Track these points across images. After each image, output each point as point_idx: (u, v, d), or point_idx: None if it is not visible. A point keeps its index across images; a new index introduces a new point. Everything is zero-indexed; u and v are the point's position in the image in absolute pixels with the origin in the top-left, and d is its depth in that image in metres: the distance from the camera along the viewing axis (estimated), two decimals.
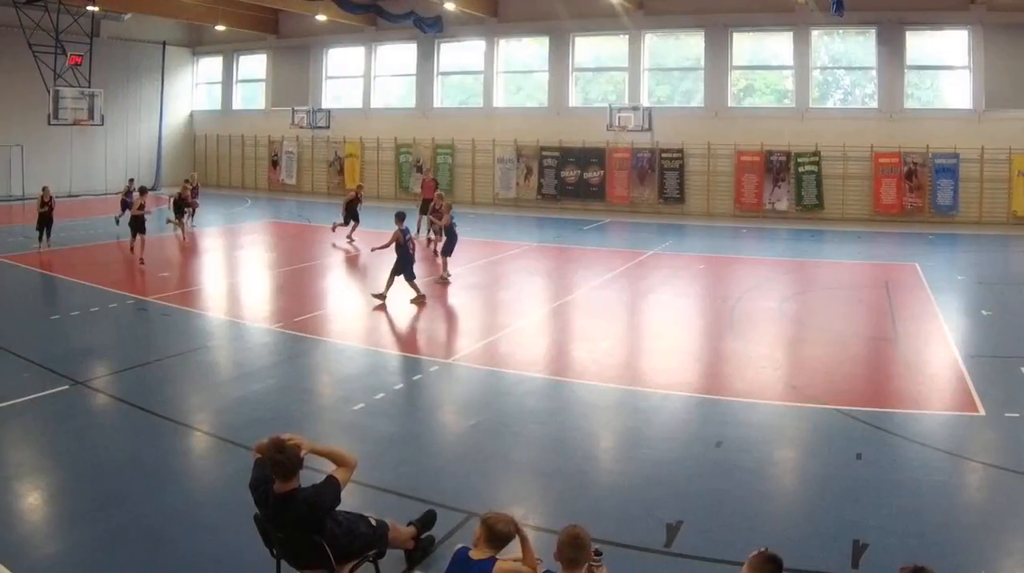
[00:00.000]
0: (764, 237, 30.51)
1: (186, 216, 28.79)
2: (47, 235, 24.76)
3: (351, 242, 26.80)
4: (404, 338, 16.16)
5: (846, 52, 36.42)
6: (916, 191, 33.38)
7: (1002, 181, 32.68)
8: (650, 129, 36.83)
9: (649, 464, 9.54)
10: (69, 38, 37.34)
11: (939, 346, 14.91)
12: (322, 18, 40.01)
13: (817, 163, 34.61)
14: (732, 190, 36.11)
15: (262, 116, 46.41)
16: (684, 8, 36.57)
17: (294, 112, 43.83)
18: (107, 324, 16.55)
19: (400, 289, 18.07)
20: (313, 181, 44.68)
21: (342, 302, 19.43)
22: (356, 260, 23.51)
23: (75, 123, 39.01)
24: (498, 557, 5.72)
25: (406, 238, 17.95)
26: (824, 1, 30.76)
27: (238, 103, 48.24)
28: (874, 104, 34.94)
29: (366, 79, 43.87)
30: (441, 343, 15.78)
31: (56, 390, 11.90)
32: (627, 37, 38.05)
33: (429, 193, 28.23)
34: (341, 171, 43.74)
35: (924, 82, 35.41)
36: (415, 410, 11.72)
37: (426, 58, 41.95)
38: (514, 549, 5.89)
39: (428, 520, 7.62)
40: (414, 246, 18.32)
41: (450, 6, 36.35)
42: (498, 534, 5.73)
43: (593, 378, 12.95)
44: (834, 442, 10.29)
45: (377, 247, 18.78)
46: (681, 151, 36.63)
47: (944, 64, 34.76)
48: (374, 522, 6.79)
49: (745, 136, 35.52)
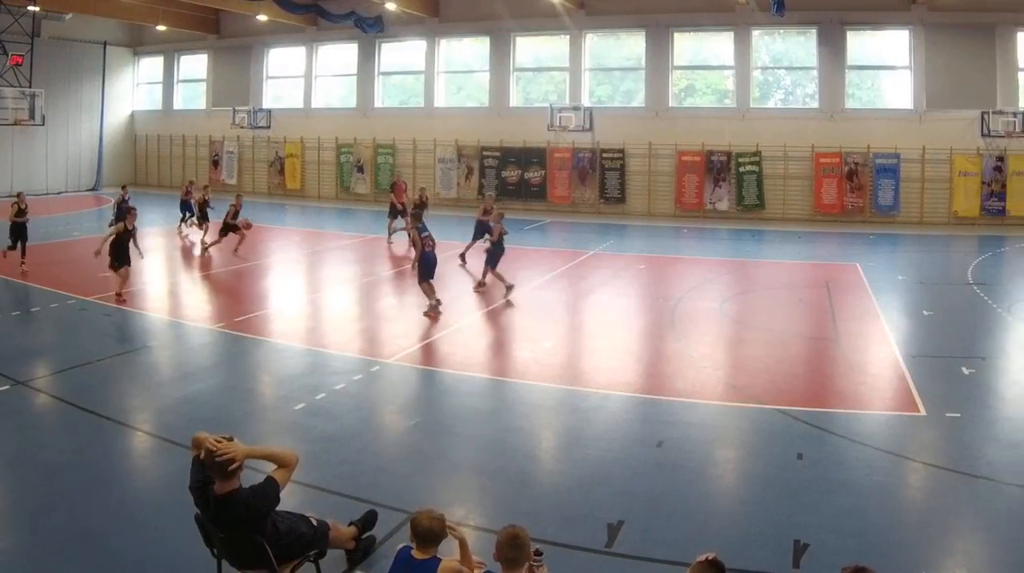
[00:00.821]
0: (705, 237, 29.11)
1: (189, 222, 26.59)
2: (22, 251, 20.06)
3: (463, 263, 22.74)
4: (345, 338, 15.17)
5: (787, 52, 34.51)
6: (857, 191, 31.65)
7: (943, 181, 31.19)
8: (591, 129, 34.91)
9: (590, 464, 9.17)
10: (10, 38, 35.99)
11: (880, 346, 14.29)
12: (263, 18, 37.84)
13: (758, 163, 32.79)
14: (673, 190, 34.17)
15: (203, 116, 43.62)
16: (625, 8, 34.74)
17: (235, 112, 41.43)
18: (48, 324, 15.84)
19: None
20: (254, 181, 42.13)
21: (283, 302, 18.40)
22: (299, 261, 21.77)
23: (15, 123, 37.31)
24: (441, 557, 5.49)
25: (422, 236, 16.42)
26: (765, 1, 29.34)
27: (179, 103, 45.31)
28: (815, 104, 33.12)
29: (307, 79, 41.31)
30: (382, 343, 14.86)
31: None
32: (568, 37, 35.98)
33: (401, 196, 26.40)
34: (282, 171, 41.32)
35: (865, 82, 33.59)
36: (356, 410, 11.05)
37: (367, 58, 39.58)
38: (455, 548, 5.69)
39: (369, 520, 7.24)
40: (432, 244, 16.62)
41: (391, 6, 34.58)
42: (423, 532, 5.43)
43: (534, 378, 12.40)
44: (775, 442, 9.89)
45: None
46: (622, 151, 34.66)
47: (885, 64, 33.08)
48: (315, 522, 6.49)
49: (686, 136, 33.65)
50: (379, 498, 7.99)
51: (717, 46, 34.82)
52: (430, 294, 16.22)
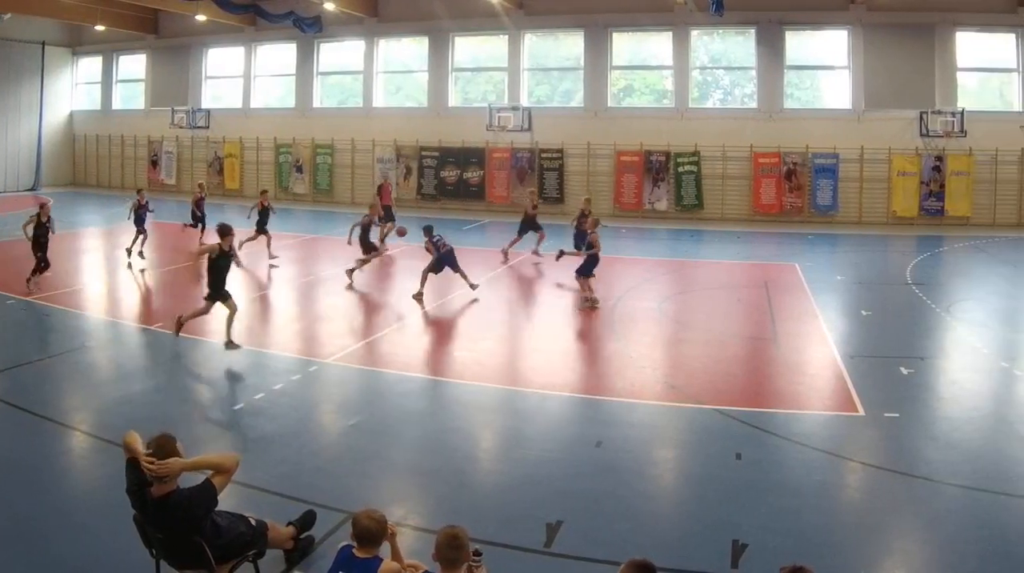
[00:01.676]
0: (644, 237, 27.40)
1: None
2: (41, 268, 17.18)
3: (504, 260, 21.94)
4: (284, 338, 14.48)
5: (725, 52, 32.35)
6: (796, 191, 29.68)
7: (881, 181, 29.36)
8: (530, 129, 32.51)
9: (529, 464, 8.81)
10: None
11: (819, 346, 13.65)
12: (202, 18, 35.07)
13: (696, 163, 30.65)
14: (611, 190, 31.89)
15: (142, 116, 40.59)
16: (564, 8, 32.49)
17: (174, 112, 38.60)
18: None
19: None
20: (193, 181, 38.69)
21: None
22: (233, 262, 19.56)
23: None
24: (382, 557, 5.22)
25: (435, 242, 16.86)
26: (703, 1, 27.33)
27: (118, 103, 42.15)
28: (753, 104, 31.08)
29: (246, 79, 38.51)
30: (321, 343, 14.10)
31: None
32: (506, 37, 33.62)
33: (387, 199, 24.39)
34: (221, 171, 38.50)
35: (804, 82, 31.60)
36: (295, 410, 10.52)
37: (306, 58, 36.95)
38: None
39: (307, 520, 6.88)
40: (445, 247, 16.92)
41: (330, 6, 32.04)
42: (363, 532, 5.11)
43: (473, 378, 11.85)
44: (714, 442, 9.50)
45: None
46: (561, 151, 32.36)
47: (824, 64, 31.09)
48: (253, 522, 6.16)
49: (624, 136, 31.46)
50: (317, 498, 7.63)
51: (656, 46, 32.70)
52: (423, 283, 16.50)
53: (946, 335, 14.78)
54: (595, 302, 16.22)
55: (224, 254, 13.08)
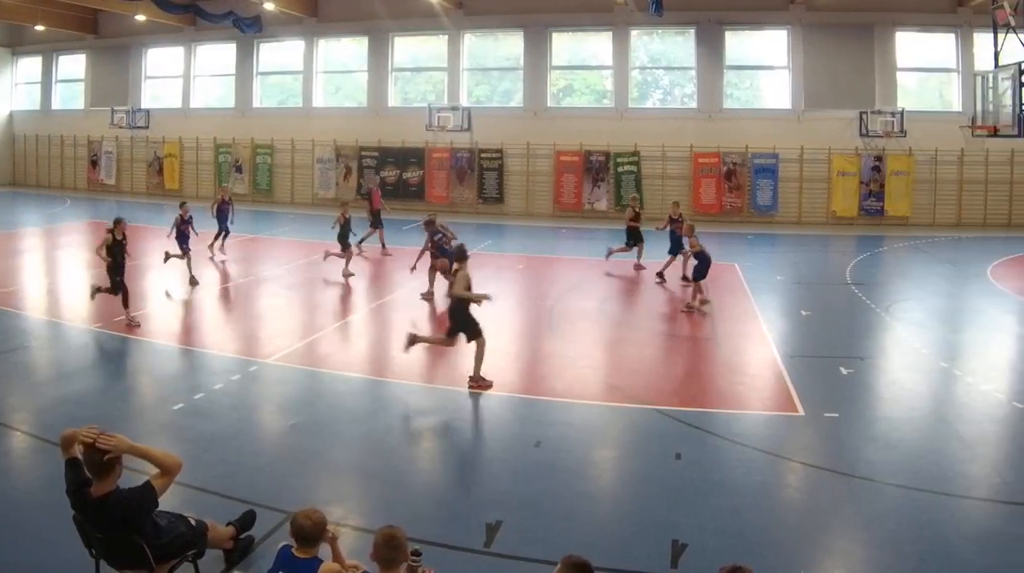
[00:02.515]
0: (583, 237, 25.85)
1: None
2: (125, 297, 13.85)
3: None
4: (224, 338, 13.70)
5: (665, 52, 30.40)
6: (735, 191, 27.83)
7: (821, 181, 27.59)
8: (469, 129, 30.34)
9: (469, 464, 8.47)
10: None
11: (759, 346, 12.89)
12: (141, 18, 32.71)
13: (636, 163, 28.70)
14: (551, 190, 29.84)
15: (82, 116, 37.82)
16: (503, 8, 30.39)
17: (113, 112, 35.93)
18: None
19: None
20: (132, 181, 36.74)
21: (162, 302, 16.22)
22: (178, 261, 18.04)
23: None
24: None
25: (436, 239, 15.86)
26: (643, 1, 25.54)
27: (57, 103, 39.21)
28: (693, 104, 29.18)
29: (185, 79, 35.91)
30: (261, 343, 13.22)
31: None
32: (446, 37, 31.45)
33: (377, 204, 22.35)
34: (160, 171, 35.92)
35: (743, 82, 29.72)
36: (234, 410, 9.95)
37: (245, 58, 34.46)
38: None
39: (247, 520, 6.51)
40: (444, 238, 15.90)
41: (269, 6, 29.86)
42: (302, 532, 4.89)
43: (413, 378, 11.23)
44: (654, 442, 8.91)
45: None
46: (500, 151, 30.23)
47: (763, 64, 29.26)
48: (193, 522, 5.84)
49: (564, 136, 29.41)
50: (257, 498, 7.21)
51: (595, 46, 30.67)
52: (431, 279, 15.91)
53: (886, 335, 14.03)
54: (707, 306, 14.93)
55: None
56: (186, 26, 34.90)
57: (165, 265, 17.70)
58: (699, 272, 15.28)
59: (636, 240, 19.65)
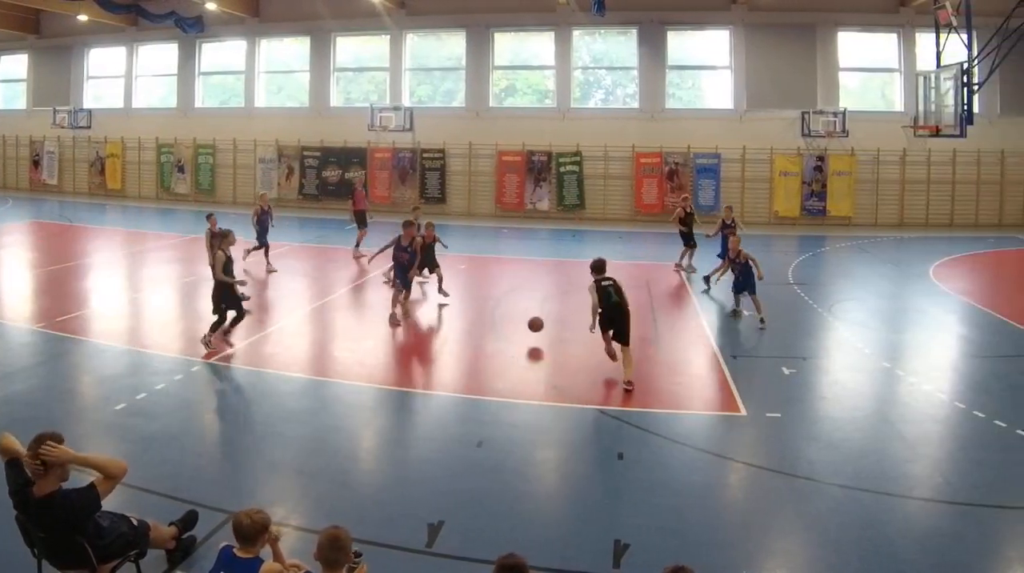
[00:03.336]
0: (525, 237, 24.33)
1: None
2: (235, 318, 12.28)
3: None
4: (166, 338, 12.77)
5: (607, 52, 28.42)
6: (677, 191, 25.78)
7: (763, 181, 25.86)
8: (411, 129, 28.23)
9: (410, 464, 8.01)
10: None
11: (701, 346, 12.43)
12: (83, 18, 30.32)
13: (578, 163, 26.75)
14: (493, 190, 27.81)
15: (23, 116, 35.11)
16: (445, 8, 28.36)
17: (55, 112, 33.34)
18: None
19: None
20: (75, 181, 34.16)
21: (104, 302, 15.39)
22: (120, 261, 17.73)
23: None
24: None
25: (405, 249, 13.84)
26: (585, 1, 23.73)
27: None
28: (635, 104, 27.31)
29: (127, 79, 33.35)
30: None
31: None
32: (388, 37, 29.30)
33: (362, 204, 20.59)
34: (103, 171, 33.40)
35: (686, 82, 27.86)
36: (176, 410, 9.28)
37: (187, 58, 32.03)
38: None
39: (189, 520, 6.25)
40: (413, 248, 13.90)
41: (211, 6, 27.74)
42: (244, 531, 4.59)
43: (355, 378, 10.49)
44: (596, 442, 8.64)
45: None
46: (442, 151, 28.14)
47: (706, 64, 27.41)
48: (135, 522, 5.66)
49: (506, 136, 27.41)
50: (199, 498, 6.81)
51: (538, 46, 28.68)
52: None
53: (828, 335, 13.37)
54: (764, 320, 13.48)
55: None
56: (128, 26, 32.41)
57: (245, 260, 17.07)
58: (751, 284, 13.82)
59: (685, 243, 18.25)
